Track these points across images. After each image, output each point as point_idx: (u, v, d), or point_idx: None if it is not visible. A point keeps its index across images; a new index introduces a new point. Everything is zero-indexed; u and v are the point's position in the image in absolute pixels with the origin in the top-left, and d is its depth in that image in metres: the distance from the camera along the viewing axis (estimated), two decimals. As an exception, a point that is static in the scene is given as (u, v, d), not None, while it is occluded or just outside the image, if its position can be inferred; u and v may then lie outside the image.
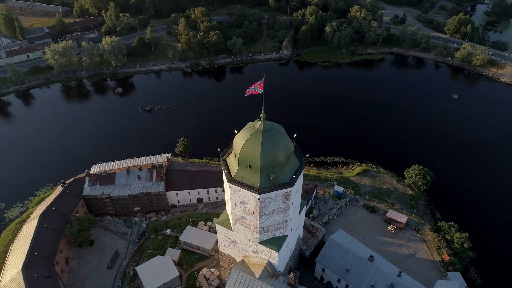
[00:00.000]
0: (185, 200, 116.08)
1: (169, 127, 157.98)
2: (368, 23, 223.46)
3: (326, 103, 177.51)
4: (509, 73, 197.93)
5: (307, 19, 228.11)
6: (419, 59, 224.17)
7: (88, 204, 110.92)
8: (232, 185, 64.16)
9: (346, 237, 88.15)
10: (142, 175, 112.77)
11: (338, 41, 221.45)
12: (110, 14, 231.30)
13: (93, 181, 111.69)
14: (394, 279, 78.41)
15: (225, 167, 66.39)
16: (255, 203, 64.01)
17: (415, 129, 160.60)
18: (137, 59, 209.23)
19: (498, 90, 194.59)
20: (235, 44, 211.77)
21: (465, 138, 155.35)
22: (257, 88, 58.24)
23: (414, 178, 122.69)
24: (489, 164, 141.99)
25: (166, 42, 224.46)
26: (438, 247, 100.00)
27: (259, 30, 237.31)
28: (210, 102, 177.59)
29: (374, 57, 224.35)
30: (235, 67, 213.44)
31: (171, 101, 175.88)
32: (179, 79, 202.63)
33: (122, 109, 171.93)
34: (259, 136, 61.36)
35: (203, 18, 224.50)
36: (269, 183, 62.48)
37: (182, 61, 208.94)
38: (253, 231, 69.39)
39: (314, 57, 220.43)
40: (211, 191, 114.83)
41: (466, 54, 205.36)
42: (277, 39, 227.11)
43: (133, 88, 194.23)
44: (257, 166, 61.54)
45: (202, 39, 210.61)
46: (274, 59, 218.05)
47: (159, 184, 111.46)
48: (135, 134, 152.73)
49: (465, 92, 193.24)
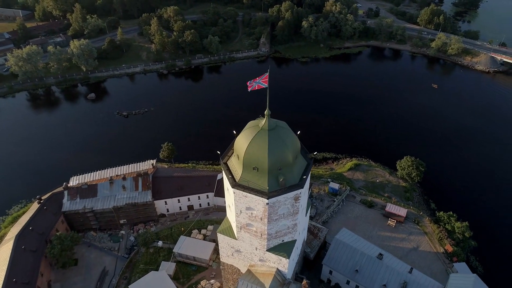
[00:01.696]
0: (174, 208, 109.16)
1: (150, 131, 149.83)
2: (344, 17, 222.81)
3: (309, 99, 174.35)
4: (483, 61, 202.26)
5: (283, 15, 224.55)
6: (396, 51, 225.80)
7: (68, 220, 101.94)
8: (237, 190, 58.61)
9: (351, 236, 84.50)
10: (127, 184, 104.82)
11: (315, 36, 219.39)
12: (76, 16, 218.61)
13: (73, 194, 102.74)
14: (406, 276, 75.40)
15: (227, 171, 60.70)
16: (263, 209, 58.80)
17: (399, 120, 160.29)
18: (109, 62, 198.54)
19: (474, 78, 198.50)
20: (212, 43, 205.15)
21: (449, 126, 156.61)
22: (261, 82, 52.87)
23: (407, 169, 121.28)
24: (475, 151, 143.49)
25: (138, 44, 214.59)
26: (440, 238, 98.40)
27: (234, 28, 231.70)
28: (190, 103, 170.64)
29: (352, 51, 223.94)
30: (212, 66, 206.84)
31: (149, 105, 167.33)
32: (156, 81, 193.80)
33: (97, 116, 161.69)
34: (265, 136, 56.14)
35: (176, 17, 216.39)
36: (277, 186, 57.44)
37: (157, 63, 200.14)
38: (260, 238, 64.13)
39: (292, 53, 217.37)
40: (202, 197, 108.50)
41: (441, 44, 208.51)
42: (254, 36, 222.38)
43: (106, 93, 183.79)
44: (265, 168, 56.33)
45: (177, 38, 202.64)
46: (253, 56, 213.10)
47: (146, 193, 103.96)
48: (114, 142, 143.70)
49: (444, 81, 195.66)
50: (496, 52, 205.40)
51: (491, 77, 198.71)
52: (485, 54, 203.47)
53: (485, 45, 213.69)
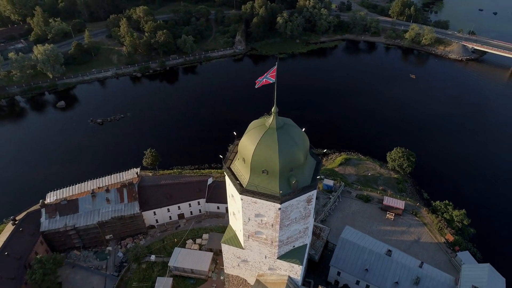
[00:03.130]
0: (164, 218, 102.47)
1: (129, 138, 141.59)
2: (318, 11, 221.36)
3: (289, 95, 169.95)
4: (455, 50, 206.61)
5: (256, 12, 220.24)
6: (371, 43, 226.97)
7: (48, 241, 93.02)
8: (245, 197, 53.65)
9: (356, 234, 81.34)
10: (111, 197, 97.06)
11: (291, 31, 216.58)
12: (37, 20, 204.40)
13: (51, 212, 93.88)
14: (418, 271, 73.04)
15: (232, 176, 55.56)
16: (275, 214, 54.22)
17: (382, 112, 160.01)
18: (77, 67, 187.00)
19: (448, 66, 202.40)
20: (186, 43, 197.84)
21: (431, 115, 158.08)
22: (268, 77, 48.17)
23: (398, 160, 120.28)
24: (459, 137, 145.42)
25: (108, 47, 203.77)
26: (440, 228, 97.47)
27: (208, 26, 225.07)
28: (168, 106, 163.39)
29: (328, 45, 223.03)
30: (188, 67, 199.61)
31: (124, 110, 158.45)
32: (129, 85, 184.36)
33: (69, 125, 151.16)
34: (274, 135, 51.52)
35: (147, 18, 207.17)
36: (289, 189, 52.99)
37: (129, 66, 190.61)
38: (270, 246, 59.51)
39: (269, 50, 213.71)
40: (193, 204, 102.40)
41: (415, 35, 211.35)
42: (229, 34, 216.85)
43: (77, 100, 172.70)
44: (275, 171, 51.71)
45: (149, 39, 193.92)
46: (229, 55, 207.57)
47: (132, 205, 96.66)
48: (91, 151, 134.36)
49: (420, 71, 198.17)
50: (467, 40, 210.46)
51: (463, 65, 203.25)
52: (457, 43, 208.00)
53: (456, 34, 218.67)
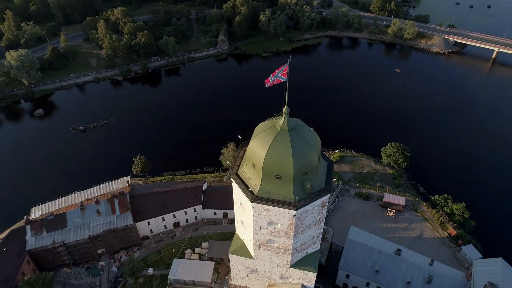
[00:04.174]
0: (159, 228, 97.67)
1: (115, 145, 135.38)
2: (300, 8, 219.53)
3: (275, 94, 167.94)
4: (437, 43, 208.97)
5: (238, 10, 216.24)
6: (354, 39, 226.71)
7: (36, 259, 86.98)
8: (257, 204, 50.15)
9: (363, 234, 79.24)
10: (102, 208, 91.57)
11: (274, 29, 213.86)
12: (8, 24, 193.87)
13: (37, 228, 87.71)
14: (429, 269, 71.47)
15: (241, 183, 51.92)
16: (289, 222, 51.00)
17: (371, 108, 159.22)
18: (54, 73, 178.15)
19: (431, 59, 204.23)
20: (168, 44, 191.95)
21: (420, 108, 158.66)
22: (279, 75, 44.85)
23: (393, 156, 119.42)
24: (449, 129, 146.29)
25: (86, 50, 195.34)
26: (441, 222, 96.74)
27: (189, 26, 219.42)
28: (153, 110, 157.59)
29: (312, 42, 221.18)
30: (171, 68, 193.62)
31: (107, 116, 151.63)
32: (111, 90, 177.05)
33: (50, 134, 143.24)
34: (286, 137, 48.26)
35: (126, 19, 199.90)
36: (304, 194, 49.88)
37: (110, 69, 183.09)
38: (283, 254, 56.26)
39: (253, 49, 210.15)
40: (189, 211, 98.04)
41: (397, 30, 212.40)
42: (211, 34, 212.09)
43: (56, 107, 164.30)
44: (289, 175, 48.46)
45: (129, 41, 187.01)
46: (212, 55, 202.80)
47: (125, 216, 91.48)
48: (75, 161, 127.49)
49: (405, 65, 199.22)
50: (448, 33, 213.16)
51: (446, 58, 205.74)
52: (439, 36, 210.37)
53: (437, 28, 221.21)
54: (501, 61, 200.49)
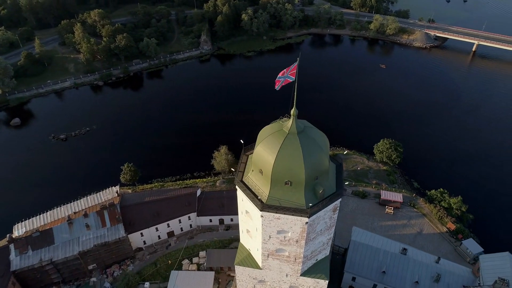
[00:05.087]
0: (152, 238, 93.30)
1: (99, 153, 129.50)
2: (282, 6, 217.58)
3: (263, 94, 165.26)
4: (419, 38, 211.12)
5: (220, 10, 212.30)
6: (337, 36, 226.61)
7: (21, 280, 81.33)
8: (266, 213, 47.16)
9: (366, 234, 77.41)
10: (91, 222, 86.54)
11: (257, 28, 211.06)
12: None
13: (22, 247, 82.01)
14: (436, 267, 70.24)
15: (247, 191, 48.76)
16: (300, 229, 48.22)
17: (358, 104, 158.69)
18: (30, 80, 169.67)
19: (414, 54, 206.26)
20: (149, 46, 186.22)
21: (407, 103, 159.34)
22: (288, 75, 42.01)
23: (386, 152, 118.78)
24: (437, 122, 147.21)
25: (62, 55, 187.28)
26: (440, 217, 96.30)
27: (170, 27, 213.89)
28: (137, 115, 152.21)
29: (295, 40, 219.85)
30: (153, 71, 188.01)
31: (89, 123, 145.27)
32: (91, 95, 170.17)
33: (29, 144, 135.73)
34: (296, 141, 45.44)
35: (103, 21, 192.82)
36: (316, 199, 47.20)
37: (89, 74, 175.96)
38: (293, 263, 53.47)
39: (237, 48, 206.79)
40: (183, 219, 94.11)
41: (379, 25, 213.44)
42: (193, 34, 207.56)
43: (34, 116, 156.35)
44: (300, 181, 45.65)
45: (108, 44, 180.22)
46: (195, 56, 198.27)
47: (116, 228, 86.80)
48: (57, 172, 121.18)
49: (388, 60, 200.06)
50: (429, 28, 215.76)
51: (428, 52, 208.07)
52: (420, 31, 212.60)
53: (417, 23, 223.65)
54: (481, 54, 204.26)
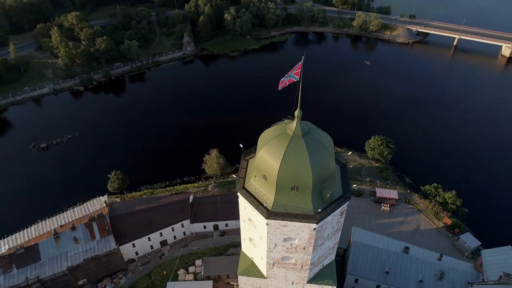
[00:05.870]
0: (145, 248, 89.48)
1: (83, 162, 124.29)
2: (265, 5, 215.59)
3: (249, 94, 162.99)
4: (401, 34, 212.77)
5: (202, 10, 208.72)
6: (320, 33, 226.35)
7: (6, 301, 76.23)
8: (272, 221, 44.76)
9: (366, 234, 75.99)
10: (79, 235, 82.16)
11: (240, 28, 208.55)
12: None
13: (6, 265, 76.92)
14: (439, 265, 69.35)
15: (251, 198, 46.24)
16: (308, 236, 46.05)
17: (346, 101, 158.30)
18: (5, 87, 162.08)
19: (397, 50, 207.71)
20: (130, 48, 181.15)
21: (393, 99, 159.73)
22: (292, 75, 39.76)
23: (377, 149, 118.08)
24: (423, 118, 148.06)
25: (39, 60, 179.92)
26: (435, 212, 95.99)
27: (151, 29, 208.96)
28: (120, 120, 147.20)
29: (279, 39, 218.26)
30: (136, 74, 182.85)
31: (71, 130, 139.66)
32: (72, 101, 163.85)
33: (7, 154, 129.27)
34: (301, 144, 43.24)
35: (81, 24, 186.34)
36: (323, 204, 45.12)
37: (68, 79, 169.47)
38: (300, 270, 51.29)
39: (221, 49, 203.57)
40: (176, 227, 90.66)
41: (362, 22, 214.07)
42: (175, 35, 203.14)
43: (11, 124, 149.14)
44: (308, 185, 43.45)
45: (88, 48, 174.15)
46: (179, 58, 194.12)
47: (107, 240, 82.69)
48: (40, 183, 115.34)
49: (373, 57, 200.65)
50: (411, 23, 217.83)
51: (410, 48, 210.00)
52: (402, 27, 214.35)
53: (399, 19, 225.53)
54: (462, 48, 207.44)
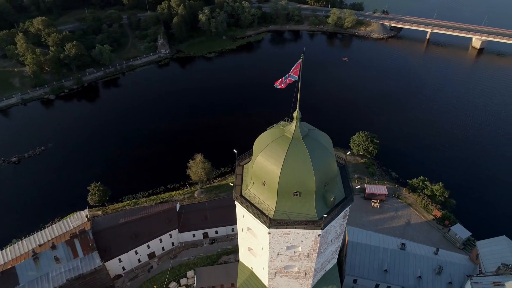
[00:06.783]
0: (132, 263, 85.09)
1: (59, 174, 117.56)
2: (239, 4, 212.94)
3: (227, 95, 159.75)
4: (376, 29, 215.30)
5: (175, 11, 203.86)
6: (296, 32, 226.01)
7: (-17, 332, 70.33)
8: (275, 230, 42.26)
9: (361, 233, 74.87)
10: (60, 253, 76.97)
11: (215, 28, 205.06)
12: None
13: (-20, 293, 71.05)
14: (436, 259, 68.91)
15: (250, 207, 43.55)
16: (313, 242, 43.86)
17: (326, 99, 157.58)
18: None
19: (373, 45, 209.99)
20: (102, 53, 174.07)
21: (374, 93, 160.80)
22: (292, 75, 37.54)
23: (362, 145, 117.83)
24: (404, 110, 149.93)
25: (5, 69, 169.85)
26: (425, 205, 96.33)
27: (123, 32, 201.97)
28: (96, 128, 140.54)
29: (255, 38, 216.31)
30: (110, 79, 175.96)
31: (44, 141, 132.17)
32: (42, 111, 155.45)
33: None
34: (302, 147, 40.94)
35: (49, 30, 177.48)
36: (327, 208, 43.03)
37: (38, 88, 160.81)
38: (303, 278, 49.07)
39: (197, 50, 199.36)
40: (164, 238, 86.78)
41: (337, 19, 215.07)
42: (149, 38, 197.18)
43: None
44: (311, 190, 41.22)
45: (57, 54, 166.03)
46: (154, 61, 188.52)
47: (91, 257, 77.87)
48: (13, 200, 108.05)
49: (349, 53, 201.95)
50: (384, 19, 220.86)
51: (385, 43, 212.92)
52: (376, 23, 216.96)
53: (373, 15, 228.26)
54: (435, 41, 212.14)
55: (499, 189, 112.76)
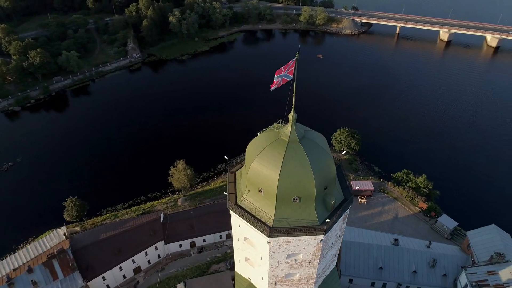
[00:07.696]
0: (117, 280, 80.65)
1: (30, 191, 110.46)
2: (210, 5, 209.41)
3: (202, 98, 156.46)
4: (347, 26, 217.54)
5: (143, 14, 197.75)
6: (268, 31, 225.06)
7: None
8: (275, 239, 40.04)
9: (354, 231, 74.01)
10: (38, 277, 71.56)
11: (187, 30, 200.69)
12: None
13: (-50, 327, 64.89)
14: (429, 252, 68.92)
15: (247, 216, 41.08)
16: (315, 248, 41.95)
17: (303, 97, 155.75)
18: None
19: (345, 41, 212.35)
20: (69, 60, 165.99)
21: (350, 89, 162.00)
22: (286, 74, 35.30)
23: (344, 141, 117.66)
24: (380, 104, 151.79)
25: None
26: (411, 198, 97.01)
27: (90, 38, 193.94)
28: (66, 139, 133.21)
29: (228, 39, 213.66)
30: (79, 87, 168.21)
31: (11, 157, 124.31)
32: (8, 124, 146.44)
33: None
34: (299, 149, 38.88)
35: (10, 37, 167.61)
36: (327, 211, 41.22)
37: (1, 99, 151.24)
38: (305, 285, 47.13)
39: (169, 53, 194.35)
40: (149, 251, 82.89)
41: (309, 17, 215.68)
42: (118, 43, 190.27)
43: None
44: (311, 194, 39.21)
45: (20, 63, 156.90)
46: (124, 66, 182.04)
47: (72, 278, 72.94)
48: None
49: (323, 50, 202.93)
50: (355, 15, 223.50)
51: (357, 38, 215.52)
52: (347, 19, 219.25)
53: (343, 11, 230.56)
54: (404, 35, 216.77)
55: (477, 178, 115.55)
